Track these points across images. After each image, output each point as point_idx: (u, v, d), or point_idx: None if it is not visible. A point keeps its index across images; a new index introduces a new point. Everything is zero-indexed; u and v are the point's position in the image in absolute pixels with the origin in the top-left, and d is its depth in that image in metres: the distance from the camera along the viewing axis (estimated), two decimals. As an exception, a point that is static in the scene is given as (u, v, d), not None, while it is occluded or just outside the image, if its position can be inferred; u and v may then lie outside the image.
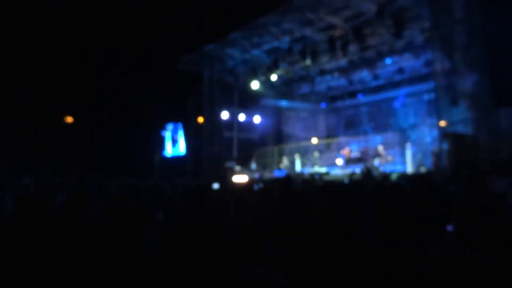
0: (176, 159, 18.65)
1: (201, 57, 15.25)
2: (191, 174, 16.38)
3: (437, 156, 10.36)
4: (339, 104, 18.88)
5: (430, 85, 13.64)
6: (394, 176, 8.35)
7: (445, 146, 9.67)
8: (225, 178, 12.84)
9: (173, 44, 14.55)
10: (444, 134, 10.22)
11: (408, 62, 14.54)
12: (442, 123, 11.60)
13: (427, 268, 1.49)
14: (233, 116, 17.05)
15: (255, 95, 17.28)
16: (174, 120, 19.09)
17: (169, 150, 19.24)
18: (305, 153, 16.67)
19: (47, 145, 14.22)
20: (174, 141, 19.16)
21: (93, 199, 2.77)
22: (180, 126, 18.94)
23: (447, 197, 3.42)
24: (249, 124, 17.89)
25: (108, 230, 2.47)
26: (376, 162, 13.32)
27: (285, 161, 16.12)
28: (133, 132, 16.52)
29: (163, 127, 19.70)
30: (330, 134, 18.89)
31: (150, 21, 14.56)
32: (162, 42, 14.94)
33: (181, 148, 18.82)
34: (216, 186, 5.56)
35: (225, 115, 16.56)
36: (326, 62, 14.68)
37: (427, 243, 1.53)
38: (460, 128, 10.56)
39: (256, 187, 4.00)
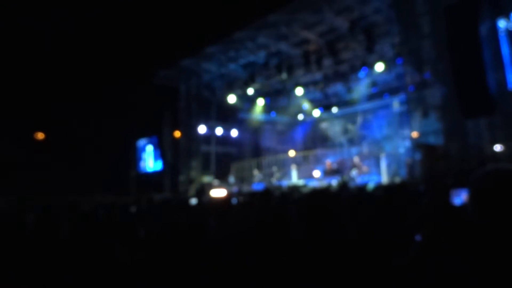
0: (153, 175, 18.34)
1: (178, 71, 15.22)
2: (168, 189, 16.13)
3: (410, 166, 10.65)
4: (315, 117, 19.18)
5: (402, 97, 14.14)
6: (370, 187, 8.51)
7: (418, 156, 9.97)
8: (203, 193, 12.71)
9: (149, 59, 14.48)
10: (416, 145, 10.55)
11: (381, 75, 15.00)
12: (414, 134, 11.97)
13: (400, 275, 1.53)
14: (211, 130, 17.01)
15: (232, 109, 17.35)
16: (151, 134, 18.85)
17: (150, 164, 18.93)
18: (282, 166, 16.77)
19: (16, 162, 13.71)
20: (154, 156, 18.88)
21: (65, 219, 2.69)
22: (157, 140, 18.70)
23: (419, 206, 3.52)
24: (226, 137, 17.88)
25: (82, 249, 2.41)
26: (353, 173, 13.55)
27: (257, 174, 16.14)
28: (108, 148, 16.17)
29: (139, 142, 19.40)
30: (307, 146, 19.10)
31: (126, 35, 14.46)
32: (138, 56, 14.84)
33: (159, 163, 18.55)
34: (194, 201, 5.49)
35: (202, 129, 16.50)
36: (301, 76, 14.95)
37: (400, 251, 1.58)
38: (431, 139, 10.92)
39: (235, 201, 3.99)
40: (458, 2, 8.63)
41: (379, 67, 13.42)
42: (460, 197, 2.60)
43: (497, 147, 9.17)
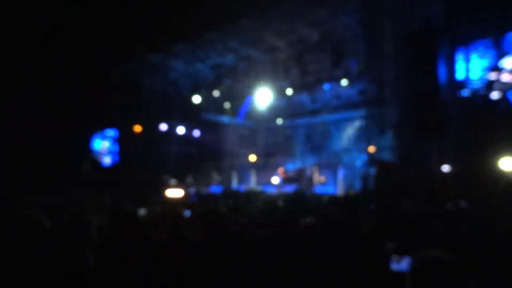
0: (107, 170, 17.67)
1: (143, 66, 14.85)
2: (124, 186, 15.57)
3: (365, 180, 11.05)
4: (278, 124, 19.37)
5: (362, 112, 14.70)
6: (325, 198, 8.73)
7: (372, 171, 10.37)
8: (158, 193, 12.44)
9: (113, 51, 13.97)
10: (372, 159, 10.97)
11: (344, 90, 15.43)
12: (371, 149, 12.43)
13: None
14: (172, 128, 16.69)
15: (196, 109, 17.12)
16: (109, 127, 18.16)
17: (105, 159, 18.18)
18: (242, 170, 16.80)
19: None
20: (110, 150, 18.18)
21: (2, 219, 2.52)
22: (115, 134, 18.05)
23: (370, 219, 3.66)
24: (188, 137, 17.62)
25: (26, 250, 2.28)
26: (310, 182, 13.84)
27: (215, 177, 16.11)
28: (61, 137, 15.35)
29: (96, 135, 18.62)
30: (268, 152, 19.25)
31: (90, 24, 13.87)
32: (100, 47, 14.27)
33: (114, 157, 17.91)
34: (142, 212, 5.19)
35: (163, 126, 16.17)
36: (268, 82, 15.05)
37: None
38: (386, 155, 11.41)
39: (188, 213, 3.92)
40: (420, 30, 9.10)
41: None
42: (404, 264, 2.52)
43: (445, 168, 9.73)
